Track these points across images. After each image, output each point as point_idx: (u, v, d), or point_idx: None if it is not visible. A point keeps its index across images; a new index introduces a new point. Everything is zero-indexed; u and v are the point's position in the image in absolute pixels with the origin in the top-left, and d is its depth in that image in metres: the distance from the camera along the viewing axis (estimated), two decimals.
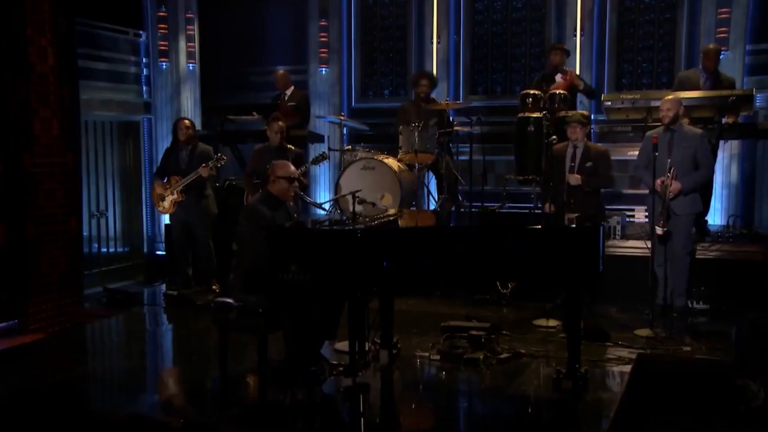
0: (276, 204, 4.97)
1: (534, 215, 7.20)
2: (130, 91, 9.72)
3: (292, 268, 4.20)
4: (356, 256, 4.17)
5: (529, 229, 4.55)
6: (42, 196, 6.61)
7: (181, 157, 7.48)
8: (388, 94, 10.41)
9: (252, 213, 4.91)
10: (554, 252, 4.36)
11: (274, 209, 4.93)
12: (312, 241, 4.27)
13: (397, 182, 7.62)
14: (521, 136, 7.60)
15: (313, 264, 4.19)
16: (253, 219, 4.84)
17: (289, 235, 4.38)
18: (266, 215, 4.84)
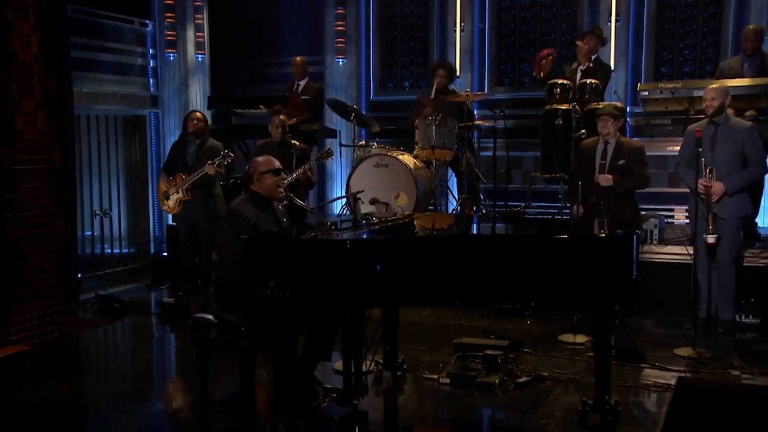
0: (262, 205, 4.39)
1: (558, 220, 6.53)
2: (136, 83, 9.22)
3: (271, 283, 3.62)
4: (346, 270, 3.56)
5: (543, 239, 3.93)
6: (24, 196, 6.13)
7: (189, 152, 6.97)
8: (408, 86, 9.77)
9: (233, 217, 4.33)
10: (577, 266, 3.73)
11: (259, 212, 4.35)
12: (292, 252, 3.67)
13: (412, 181, 7.01)
14: (548, 130, 6.94)
15: (294, 279, 3.60)
16: (235, 224, 4.26)
17: (266, 244, 3.78)
18: (250, 219, 4.26)
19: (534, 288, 3.77)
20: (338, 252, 3.58)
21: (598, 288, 3.73)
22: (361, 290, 3.60)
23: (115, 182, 8.92)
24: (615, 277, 3.74)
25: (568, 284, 3.73)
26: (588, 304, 3.86)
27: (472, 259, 3.74)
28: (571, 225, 5.76)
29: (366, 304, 3.73)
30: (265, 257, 3.71)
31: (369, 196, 7.05)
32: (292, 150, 6.69)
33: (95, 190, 8.68)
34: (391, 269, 3.68)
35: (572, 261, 3.73)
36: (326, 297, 3.58)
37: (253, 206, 4.35)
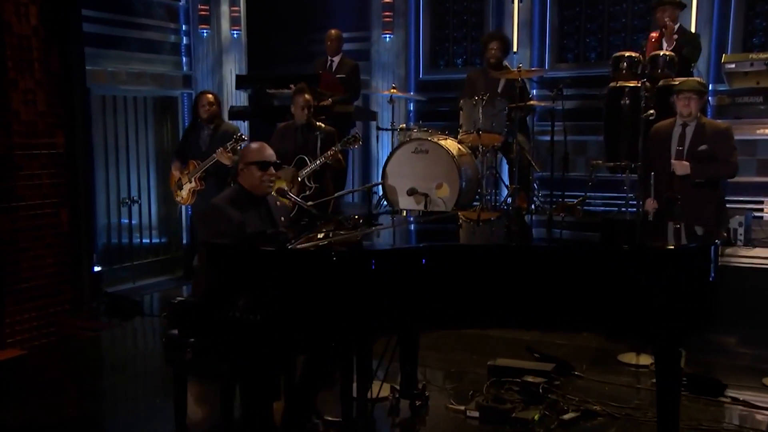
0: (249, 203, 3.64)
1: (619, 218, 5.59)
2: (167, 62, 8.62)
3: (239, 302, 2.86)
4: (330, 290, 2.77)
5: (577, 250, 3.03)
6: (21, 184, 5.55)
7: (202, 137, 6.34)
8: (461, 63, 8.87)
9: (212, 215, 3.60)
10: (627, 285, 2.84)
11: (246, 210, 3.59)
12: (261, 265, 2.89)
13: (455, 169, 6.16)
14: (612, 112, 6.00)
15: (266, 299, 2.83)
16: (213, 224, 3.53)
17: (231, 254, 3.01)
18: (232, 219, 3.51)
19: (573, 311, 2.89)
20: (320, 266, 2.79)
21: (658, 315, 2.84)
22: (352, 316, 2.81)
23: (144, 168, 8.36)
24: (682, 302, 2.85)
25: (618, 308, 2.85)
26: (646, 334, 2.95)
27: (488, 274, 2.89)
28: (637, 225, 4.82)
29: (358, 333, 2.93)
30: (230, 270, 2.95)
31: (407, 186, 6.31)
32: (316, 133, 5.93)
33: (122, 177, 8.14)
34: (394, 288, 2.87)
35: (621, 279, 2.84)
36: (305, 324, 2.80)
37: (238, 203, 3.60)
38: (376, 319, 2.88)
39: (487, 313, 2.94)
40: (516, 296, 2.89)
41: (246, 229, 3.51)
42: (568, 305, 2.88)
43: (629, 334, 2.93)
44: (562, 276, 2.89)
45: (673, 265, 2.88)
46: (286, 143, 6.03)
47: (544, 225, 4.42)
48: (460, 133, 6.43)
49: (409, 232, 3.96)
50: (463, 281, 2.93)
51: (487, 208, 6.32)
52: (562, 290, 2.88)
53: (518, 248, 3.18)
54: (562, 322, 2.94)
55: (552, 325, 3.40)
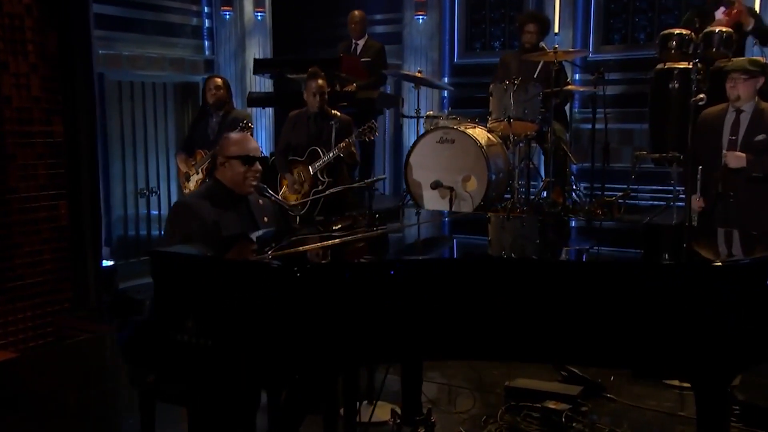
0: (228, 201, 3.15)
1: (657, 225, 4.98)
2: (188, 46, 8.23)
3: (188, 323, 2.40)
4: (296, 312, 2.28)
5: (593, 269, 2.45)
6: (14, 174, 5.20)
7: (210, 125, 5.90)
8: (498, 46, 8.28)
9: (180, 214, 3.13)
10: (663, 311, 2.28)
11: (223, 209, 3.11)
12: (213, 279, 2.40)
13: (482, 160, 5.61)
14: (659, 97, 5.38)
15: (218, 320, 2.35)
16: (181, 224, 3.06)
17: (178, 264, 2.53)
18: (204, 219, 3.04)
19: (595, 343, 2.34)
20: (279, 282, 2.30)
21: (699, 347, 2.27)
22: (322, 345, 2.31)
23: (163, 157, 7.99)
24: (734, 329, 2.28)
25: (649, 338, 2.29)
26: (683, 370, 2.39)
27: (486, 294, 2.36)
28: (678, 230, 4.21)
29: (332, 365, 2.41)
30: (176, 283, 2.48)
31: (431, 178, 5.79)
32: (331, 122, 5.44)
33: (140, 167, 7.79)
34: (376, 309, 2.37)
35: (655, 301, 2.28)
36: (264, 353, 2.31)
37: (214, 200, 3.12)
38: (354, 348, 2.38)
39: (487, 343, 2.40)
40: (522, 322, 2.35)
41: (221, 231, 3.05)
42: (590, 335, 2.33)
43: (663, 371, 2.36)
44: (581, 298, 2.34)
45: (721, 283, 2.31)
46: (298, 133, 5.57)
47: (570, 229, 3.85)
48: (489, 121, 5.89)
49: (414, 236, 3.44)
50: (460, 303, 2.40)
51: (518, 204, 5.77)
52: (581, 317, 2.33)
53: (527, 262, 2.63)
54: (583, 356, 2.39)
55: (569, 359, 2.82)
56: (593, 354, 2.34)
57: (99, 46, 7.24)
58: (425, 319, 2.39)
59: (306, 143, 5.50)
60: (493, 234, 3.61)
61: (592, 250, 3.10)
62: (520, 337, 2.35)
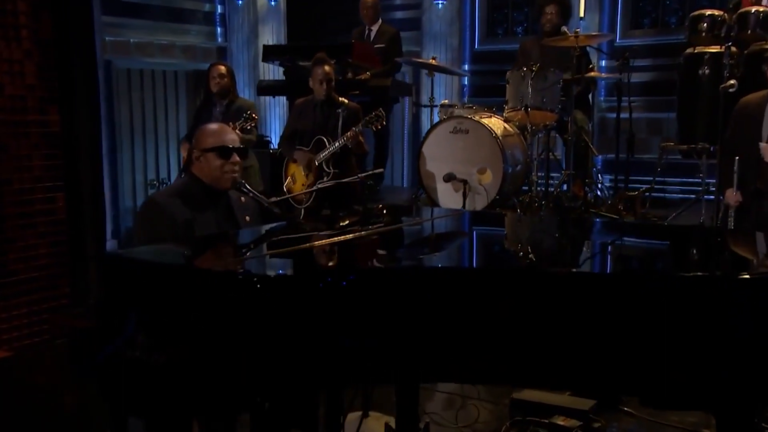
0: (204, 199, 2.88)
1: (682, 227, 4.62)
2: (199, 33, 8.02)
3: (139, 338, 2.14)
4: (258, 328, 2.00)
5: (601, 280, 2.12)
6: (8, 166, 5.00)
7: (214, 114, 5.66)
8: (521, 31, 7.93)
9: (149, 214, 2.87)
10: (680, 331, 1.97)
11: (199, 207, 2.85)
12: (168, 288, 2.13)
13: (498, 151, 5.29)
14: (687, 83, 5.00)
15: (172, 335, 2.08)
16: (150, 225, 2.81)
17: (129, 272, 2.26)
18: (175, 218, 2.77)
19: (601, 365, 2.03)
20: (238, 293, 2.02)
21: (724, 372, 1.96)
22: (289, 366, 2.03)
23: (174, 147, 7.80)
24: (759, 354, 1.96)
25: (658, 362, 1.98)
26: (701, 400, 2.06)
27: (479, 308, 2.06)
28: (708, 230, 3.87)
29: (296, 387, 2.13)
30: (128, 294, 2.21)
31: (444, 170, 5.49)
32: (338, 110, 5.16)
33: (150, 157, 7.63)
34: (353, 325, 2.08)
35: (671, 318, 1.97)
36: (223, 374, 2.04)
37: (189, 198, 2.86)
38: (325, 370, 2.10)
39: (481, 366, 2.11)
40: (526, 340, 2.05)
41: (194, 232, 2.78)
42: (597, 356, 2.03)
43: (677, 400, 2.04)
44: (593, 314, 2.03)
45: (748, 299, 1.99)
46: (304, 122, 5.31)
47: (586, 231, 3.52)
48: (505, 110, 5.57)
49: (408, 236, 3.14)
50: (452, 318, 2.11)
51: (536, 198, 5.45)
52: (589, 335, 2.03)
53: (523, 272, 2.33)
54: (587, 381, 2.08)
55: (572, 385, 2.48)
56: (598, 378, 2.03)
57: (106, 32, 7.07)
58: (413, 337, 2.10)
59: (311, 132, 5.24)
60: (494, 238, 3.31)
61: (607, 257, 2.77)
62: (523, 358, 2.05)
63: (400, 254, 2.74)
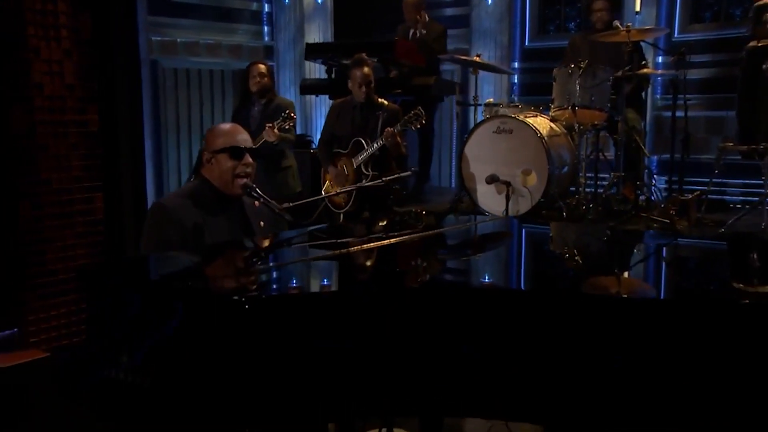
0: (216, 203, 2.77)
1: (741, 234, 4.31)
2: (246, 32, 7.97)
3: (122, 358, 2.02)
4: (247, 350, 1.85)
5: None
6: (47, 166, 5.00)
7: (252, 114, 5.59)
8: (574, 27, 7.63)
9: (157, 218, 2.75)
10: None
11: (210, 212, 2.73)
12: (153, 307, 2.01)
13: (543, 152, 5.07)
14: (749, 79, 4.68)
15: (159, 358, 1.96)
16: (157, 230, 2.70)
17: (108, 285, 2.13)
18: (184, 223, 2.66)
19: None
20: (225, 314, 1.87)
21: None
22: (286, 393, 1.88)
23: None
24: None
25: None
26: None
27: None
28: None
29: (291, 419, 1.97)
30: (112, 308, 2.10)
31: (487, 172, 5.29)
32: (378, 112, 5.02)
33: (194, 156, 7.58)
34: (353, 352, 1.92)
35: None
36: (208, 402, 1.89)
37: (199, 202, 2.74)
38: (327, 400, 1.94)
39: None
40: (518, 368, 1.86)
41: (206, 237, 2.66)
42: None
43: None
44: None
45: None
46: (343, 124, 5.18)
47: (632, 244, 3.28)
48: (551, 109, 5.33)
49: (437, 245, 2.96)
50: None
51: (584, 201, 5.20)
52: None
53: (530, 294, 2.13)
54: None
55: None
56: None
57: (153, 32, 7.09)
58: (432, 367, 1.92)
59: (350, 134, 5.11)
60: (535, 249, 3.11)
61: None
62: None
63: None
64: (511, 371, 1.87)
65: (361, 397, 1.93)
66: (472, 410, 2.00)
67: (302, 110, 7.94)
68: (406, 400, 1.94)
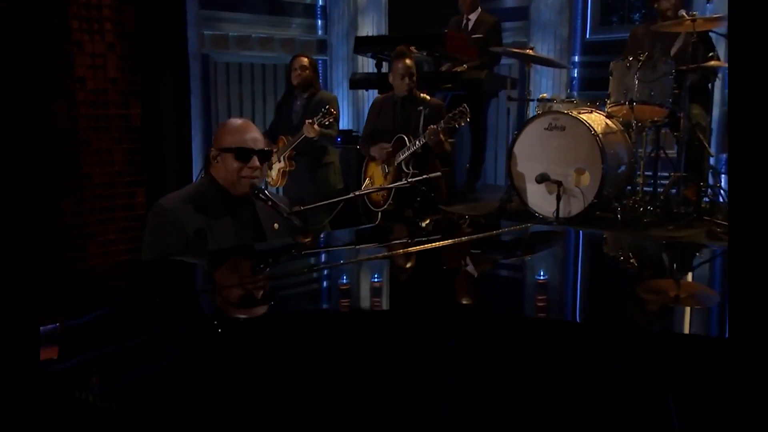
0: (222, 204, 2.60)
1: None
2: (299, 25, 7.88)
3: (92, 378, 1.87)
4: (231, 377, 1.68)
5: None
6: (89, 160, 5.00)
7: (295, 108, 5.45)
8: (638, 18, 7.26)
9: (153, 221, 2.58)
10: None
11: (216, 214, 2.56)
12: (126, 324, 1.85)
13: (597, 150, 4.78)
14: None
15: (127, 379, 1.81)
16: (158, 233, 2.54)
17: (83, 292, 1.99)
18: (184, 228, 2.48)
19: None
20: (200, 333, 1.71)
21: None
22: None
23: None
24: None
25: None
26: None
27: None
28: None
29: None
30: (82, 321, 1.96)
31: (537, 170, 5.04)
32: (420, 107, 4.82)
33: None
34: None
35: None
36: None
37: (201, 203, 2.55)
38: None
39: None
40: None
41: (207, 242, 2.49)
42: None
43: None
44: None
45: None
46: (384, 120, 5.02)
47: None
48: (607, 105, 5.03)
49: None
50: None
51: (641, 202, 4.89)
52: None
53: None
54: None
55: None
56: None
57: (204, 26, 7.06)
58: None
59: (392, 130, 4.93)
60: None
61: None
62: None
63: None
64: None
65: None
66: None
67: (353, 105, 7.80)
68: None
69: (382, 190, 3.83)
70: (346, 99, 7.74)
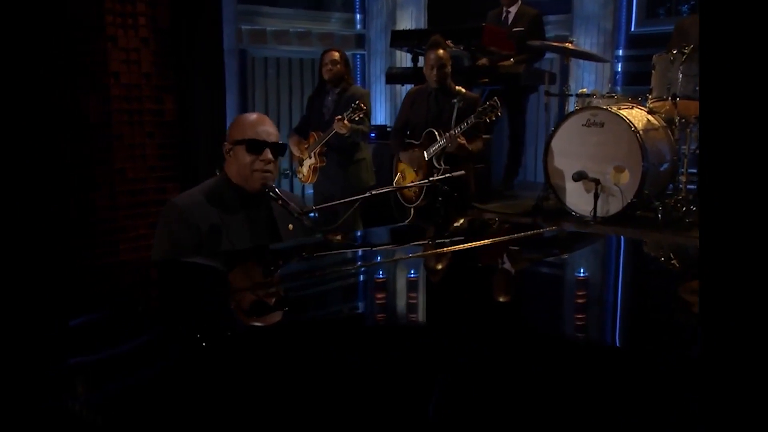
0: (237, 201, 2.52)
1: None
2: (338, 20, 7.82)
3: (79, 386, 1.80)
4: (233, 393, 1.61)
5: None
6: (121, 154, 5.01)
7: (326, 104, 5.34)
8: (687, 10, 7.02)
9: (166, 219, 2.53)
10: None
11: (230, 211, 2.48)
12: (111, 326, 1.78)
13: (637, 147, 4.61)
14: None
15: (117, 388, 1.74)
16: (169, 231, 2.48)
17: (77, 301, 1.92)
18: (198, 226, 2.41)
19: None
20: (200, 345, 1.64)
21: None
22: None
23: None
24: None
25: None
26: None
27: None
28: None
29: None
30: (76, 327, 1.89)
31: (574, 168, 4.89)
32: (453, 100, 4.70)
33: None
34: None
35: None
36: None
37: (215, 200, 2.48)
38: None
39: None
40: None
41: (224, 241, 2.43)
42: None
43: None
44: None
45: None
46: (417, 112, 4.90)
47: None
48: (649, 100, 4.85)
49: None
50: None
51: (683, 202, 4.70)
52: None
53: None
54: None
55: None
56: None
57: (242, 21, 7.04)
58: None
59: (424, 123, 4.82)
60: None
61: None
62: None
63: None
64: None
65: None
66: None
67: (390, 100, 7.71)
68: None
69: (395, 190, 3.71)
70: (383, 94, 7.67)
